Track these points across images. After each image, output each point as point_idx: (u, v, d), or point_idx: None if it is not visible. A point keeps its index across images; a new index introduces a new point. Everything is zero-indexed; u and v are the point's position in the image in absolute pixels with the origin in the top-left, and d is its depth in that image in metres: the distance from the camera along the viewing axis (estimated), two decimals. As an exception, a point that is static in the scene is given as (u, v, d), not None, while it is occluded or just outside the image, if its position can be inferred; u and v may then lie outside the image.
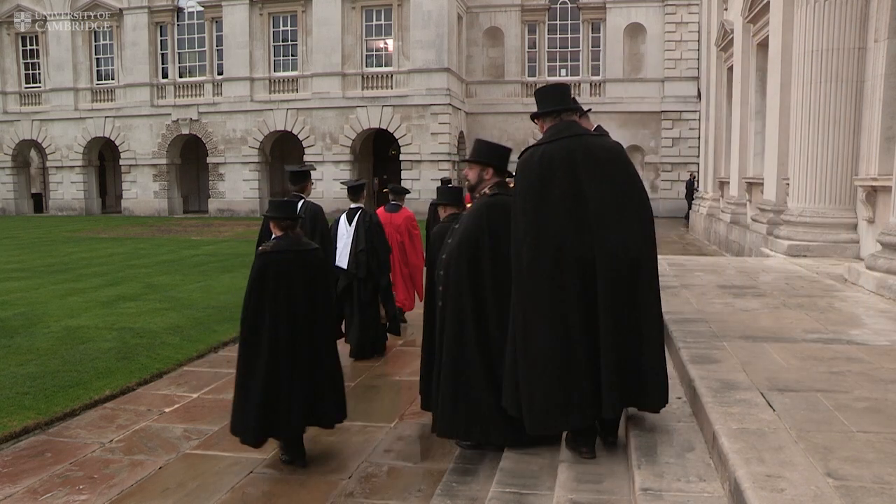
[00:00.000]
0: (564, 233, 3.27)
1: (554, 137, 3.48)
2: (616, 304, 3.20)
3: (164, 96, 30.64)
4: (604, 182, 3.31)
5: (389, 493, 4.04)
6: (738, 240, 13.59)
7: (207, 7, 29.57)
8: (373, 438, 4.86)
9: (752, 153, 13.76)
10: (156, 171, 31.05)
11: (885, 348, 4.34)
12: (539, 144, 3.55)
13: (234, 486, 4.16)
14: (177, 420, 5.32)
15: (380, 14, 27.74)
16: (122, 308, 9.37)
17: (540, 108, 3.72)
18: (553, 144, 3.44)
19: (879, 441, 2.83)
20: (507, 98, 29.99)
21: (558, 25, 29.56)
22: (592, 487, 3.23)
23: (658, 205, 28.65)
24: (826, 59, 8.38)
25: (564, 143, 3.41)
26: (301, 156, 29.01)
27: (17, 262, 14.62)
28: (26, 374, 6.33)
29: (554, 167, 3.36)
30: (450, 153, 27.28)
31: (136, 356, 6.91)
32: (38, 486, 4.18)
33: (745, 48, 14.04)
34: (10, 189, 33.15)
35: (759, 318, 5.26)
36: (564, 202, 3.29)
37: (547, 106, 3.71)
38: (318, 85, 28.12)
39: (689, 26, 28.00)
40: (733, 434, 2.94)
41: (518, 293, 3.39)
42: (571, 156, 3.35)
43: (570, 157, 3.35)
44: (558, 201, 3.30)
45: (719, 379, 3.71)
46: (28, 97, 32.60)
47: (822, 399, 3.36)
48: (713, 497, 2.77)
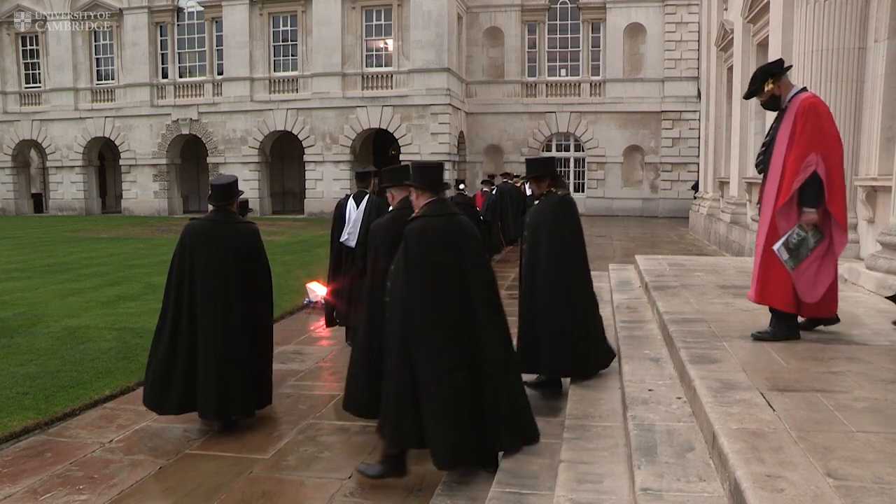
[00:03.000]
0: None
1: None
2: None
3: (164, 96, 30.63)
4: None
5: (389, 493, 4.04)
6: (738, 240, 13.59)
7: (207, 7, 29.56)
8: (373, 438, 4.85)
9: (752, 153, 13.74)
10: (156, 171, 31.04)
11: (885, 348, 4.35)
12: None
13: (234, 486, 4.16)
14: (177, 420, 5.31)
15: (380, 14, 27.73)
16: (122, 308, 9.37)
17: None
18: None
19: (879, 441, 2.84)
20: (507, 98, 29.99)
21: (558, 25, 29.55)
22: (592, 487, 3.23)
23: (658, 205, 28.69)
24: (826, 59, 8.38)
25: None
26: (301, 156, 29.02)
27: (17, 262, 14.61)
28: (26, 374, 6.33)
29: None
30: (450, 153, 27.28)
31: (136, 356, 6.90)
32: (38, 486, 4.18)
33: (745, 48, 14.04)
34: (10, 189, 33.13)
35: (759, 318, 5.26)
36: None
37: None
38: (318, 85, 28.12)
39: (689, 26, 27.99)
40: (733, 434, 2.94)
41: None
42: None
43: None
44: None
45: (719, 379, 3.71)
46: (28, 97, 32.58)
47: (822, 399, 3.36)
48: (713, 497, 2.77)
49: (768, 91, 4.54)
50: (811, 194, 4.31)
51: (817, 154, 4.28)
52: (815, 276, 4.41)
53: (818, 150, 4.28)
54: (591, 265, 5.41)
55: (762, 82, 4.55)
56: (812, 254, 4.38)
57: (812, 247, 4.38)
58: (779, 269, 4.42)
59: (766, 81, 4.53)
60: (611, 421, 4.04)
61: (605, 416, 4.14)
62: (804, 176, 4.29)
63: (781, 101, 4.52)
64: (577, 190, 29.87)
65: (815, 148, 4.28)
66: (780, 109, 4.54)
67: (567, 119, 29.32)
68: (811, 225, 4.34)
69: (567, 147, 30.07)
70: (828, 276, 4.42)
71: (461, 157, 29.49)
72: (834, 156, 4.34)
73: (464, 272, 3.91)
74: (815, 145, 4.28)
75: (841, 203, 4.39)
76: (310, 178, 28.66)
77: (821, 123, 4.33)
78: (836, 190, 4.35)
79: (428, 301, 3.82)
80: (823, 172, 4.28)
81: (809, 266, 4.40)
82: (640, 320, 6.01)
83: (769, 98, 4.57)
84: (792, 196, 4.35)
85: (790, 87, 4.54)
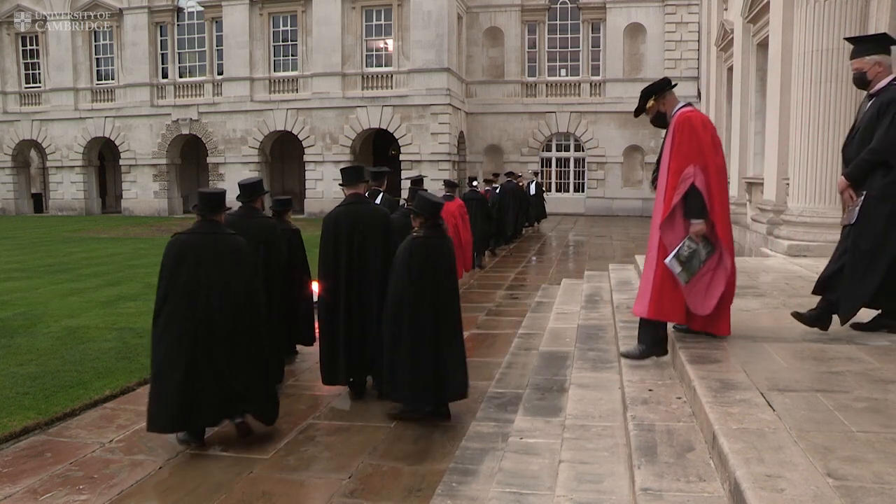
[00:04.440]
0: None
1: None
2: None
3: (164, 96, 30.63)
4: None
5: (389, 493, 4.04)
6: (738, 240, 13.59)
7: (207, 7, 29.56)
8: (373, 438, 4.86)
9: (752, 153, 13.76)
10: (156, 171, 31.04)
11: (885, 348, 4.35)
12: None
13: (234, 486, 4.16)
14: (177, 420, 5.31)
15: (380, 14, 27.73)
16: (122, 308, 9.37)
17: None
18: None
19: (879, 441, 2.84)
20: (507, 98, 29.99)
21: (558, 25, 29.55)
22: (592, 487, 3.23)
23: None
24: (826, 59, 8.38)
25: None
26: (301, 156, 29.02)
27: (17, 262, 14.62)
28: (26, 374, 6.33)
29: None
30: (450, 153, 27.28)
31: (136, 356, 6.90)
32: (38, 486, 4.19)
33: (745, 48, 14.03)
34: (10, 189, 33.12)
35: (759, 318, 5.26)
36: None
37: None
38: (318, 85, 28.12)
39: (689, 26, 28.00)
40: (733, 434, 2.94)
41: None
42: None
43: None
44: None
45: (719, 379, 3.71)
46: (28, 97, 32.58)
47: (822, 399, 3.36)
48: (713, 497, 2.77)
49: (651, 108, 4.58)
50: (695, 206, 4.31)
51: (694, 166, 4.28)
52: (707, 288, 4.40)
53: (695, 162, 4.29)
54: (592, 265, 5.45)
55: (645, 100, 4.60)
56: (704, 265, 4.37)
57: (704, 258, 4.36)
58: (675, 283, 4.41)
59: (648, 99, 4.58)
60: (611, 421, 4.04)
61: (605, 416, 4.14)
62: (683, 188, 4.30)
63: (667, 117, 4.53)
64: (578, 190, 29.89)
65: (691, 160, 4.28)
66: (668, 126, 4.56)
67: (567, 119, 29.32)
68: (700, 236, 4.34)
69: (567, 147, 30.07)
70: (718, 288, 4.39)
71: (461, 157, 29.48)
72: (712, 167, 4.32)
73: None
74: (691, 158, 4.29)
75: (721, 214, 4.36)
76: (310, 178, 28.66)
77: (696, 136, 4.32)
78: (717, 201, 4.34)
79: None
80: (702, 184, 4.28)
81: (701, 278, 4.39)
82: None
83: (656, 115, 4.62)
84: (673, 210, 4.37)
85: (675, 103, 4.54)
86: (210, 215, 4.83)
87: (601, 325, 6.56)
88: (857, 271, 4.41)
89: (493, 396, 5.52)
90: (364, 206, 5.78)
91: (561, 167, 30.23)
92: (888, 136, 4.32)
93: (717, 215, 4.33)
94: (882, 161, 4.36)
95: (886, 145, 4.33)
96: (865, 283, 4.39)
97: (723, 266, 4.40)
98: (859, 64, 4.57)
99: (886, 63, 4.54)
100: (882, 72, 4.51)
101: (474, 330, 8.21)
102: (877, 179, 4.40)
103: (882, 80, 4.49)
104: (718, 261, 4.39)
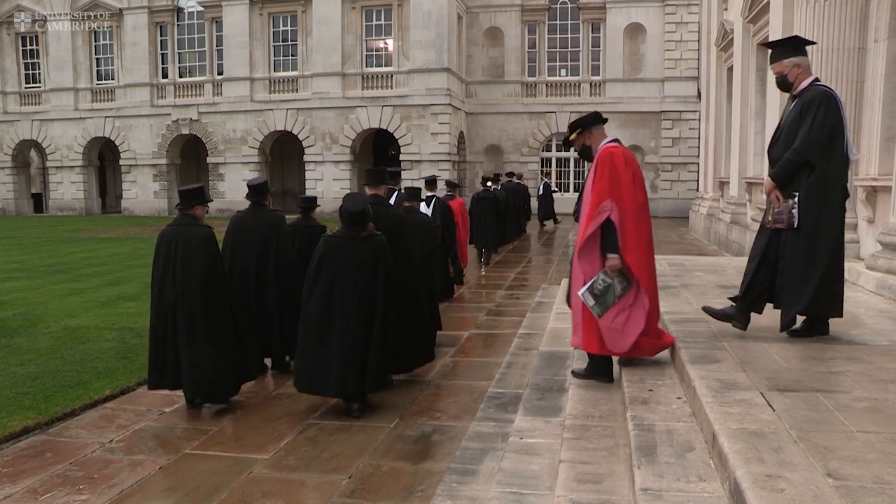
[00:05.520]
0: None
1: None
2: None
3: (164, 96, 30.63)
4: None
5: (389, 493, 4.04)
6: (738, 240, 13.59)
7: (207, 7, 29.56)
8: (373, 438, 4.86)
9: (752, 153, 13.75)
10: (156, 171, 31.04)
11: (885, 348, 4.35)
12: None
13: (234, 486, 4.16)
14: (177, 420, 5.32)
15: (380, 14, 27.73)
16: (122, 308, 9.37)
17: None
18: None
19: (879, 441, 2.84)
20: (507, 98, 29.99)
21: (558, 25, 29.55)
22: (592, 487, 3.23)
23: (658, 205, 28.65)
24: (826, 59, 8.37)
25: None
26: (301, 156, 29.02)
27: (17, 262, 14.62)
28: (26, 374, 6.33)
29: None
30: (450, 153, 27.29)
31: (136, 356, 6.90)
32: (38, 486, 4.18)
33: (745, 48, 14.03)
34: (10, 189, 33.13)
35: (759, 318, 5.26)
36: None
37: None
38: (318, 85, 28.12)
39: (689, 26, 27.99)
40: (733, 434, 2.94)
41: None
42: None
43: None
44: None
45: (719, 379, 3.71)
46: (28, 97, 32.58)
47: (822, 399, 3.36)
48: (713, 497, 2.77)
49: (576, 140, 4.66)
50: (612, 240, 4.35)
51: (612, 200, 4.33)
52: (623, 327, 4.41)
53: (612, 196, 4.33)
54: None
55: (570, 131, 4.70)
56: (620, 301, 4.38)
57: (619, 294, 4.37)
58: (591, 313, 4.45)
59: (573, 132, 4.67)
60: (611, 421, 4.04)
61: (605, 416, 4.13)
62: (597, 222, 4.36)
63: (592, 151, 4.56)
64: (578, 190, 29.88)
65: (609, 195, 4.34)
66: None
67: (567, 119, 29.26)
68: (616, 271, 4.36)
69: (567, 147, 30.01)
70: (637, 327, 4.41)
71: (461, 157, 29.47)
72: (629, 203, 4.35)
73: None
74: (609, 193, 4.34)
75: (637, 251, 4.36)
76: (310, 178, 28.66)
77: (616, 171, 4.37)
78: (632, 238, 4.36)
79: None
80: (617, 218, 4.32)
81: (617, 315, 4.40)
82: (640, 320, 6.00)
83: (581, 148, 4.69)
84: (588, 241, 4.41)
85: (602, 138, 4.58)
86: (185, 209, 5.48)
87: (601, 325, 6.55)
88: (796, 277, 4.41)
89: (493, 396, 5.52)
90: (381, 207, 5.99)
91: (561, 167, 30.24)
92: (810, 136, 4.34)
93: (631, 251, 4.36)
94: (806, 161, 4.37)
95: (808, 146, 4.34)
96: (805, 289, 4.38)
97: (640, 304, 4.41)
98: (779, 68, 4.60)
99: (805, 64, 4.57)
100: (801, 73, 4.53)
101: (474, 330, 8.21)
102: (802, 181, 4.41)
103: (803, 81, 4.52)
104: (635, 298, 4.40)
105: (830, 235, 4.37)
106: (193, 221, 5.44)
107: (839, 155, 4.37)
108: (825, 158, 4.33)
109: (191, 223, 5.42)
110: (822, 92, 4.39)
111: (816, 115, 4.32)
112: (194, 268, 5.28)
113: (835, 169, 4.36)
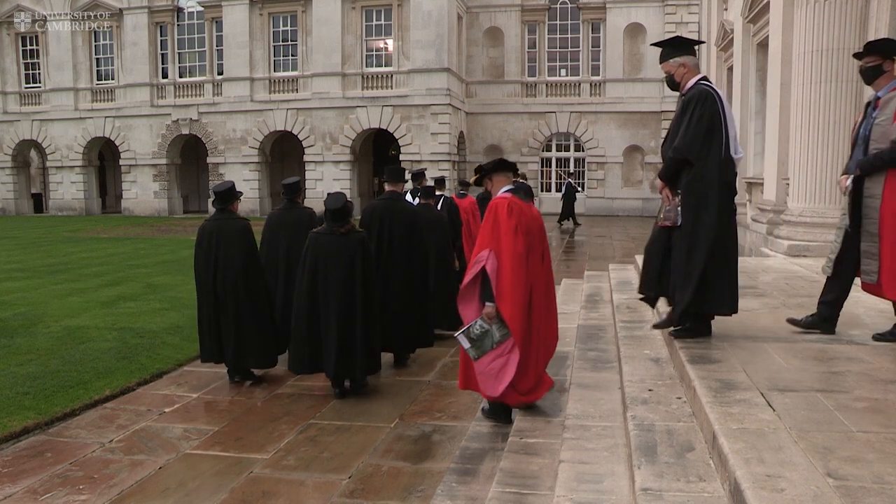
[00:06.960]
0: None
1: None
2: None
3: (164, 96, 30.63)
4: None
5: (389, 493, 4.04)
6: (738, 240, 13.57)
7: (207, 7, 29.56)
8: (373, 438, 4.86)
9: (752, 153, 13.76)
10: (156, 171, 31.04)
11: (885, 348, 4.35)
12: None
13: (234, 486, 4.16)
14: (177, 420, 5.32)
15: (380, 14, 27.74)
16: (122, 308, 9.37)
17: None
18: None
19: (879, 441, 2.84)
20: (507, 98, 30.00)
21: (558, 25, 29.56)
22: (592, 487, 3.23)
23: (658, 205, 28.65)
24: (826, 59, 8.38)
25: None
26: (301, 156, 29.02)
27: (17, 262, 14.62)
28: (26, 374, 6.33)
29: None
30: (450, 153, 27.29)
31: (136, 356, 6.91)
32: (38, 486, 4.19)
33: (745, 48, 14.03)
34: (10, 189, 33.12)
35: (759, 318, 5.27)
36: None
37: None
38: (318, 85, 28.12)
39: (689, 26, 27.97)
40: (733, 434, 2.94)
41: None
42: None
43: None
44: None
45: (719, 379, 3.71)
46: (28, 97, 32.58)
47: (822, 399, 3.36)
48: (713, 497, 2.77)
49: (475, 181, 4.88)
50: (486, 289, 4.44)
51: (490, 251, 4.41)
52: (498, 373, 4.47)
53: (491, 246, 4.41)
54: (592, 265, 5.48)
55: (476, 174, 4.86)
56: (498, 348, 4.44)
57: (498, 340, 4.44)
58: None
59: (477, 174, 4.83)
60: (611, 421, 4.04)
61: (605, 416, 4.13)
62: (474, 270, 4.45)
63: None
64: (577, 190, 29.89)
65: (489, 245, 4.43)
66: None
67: (567, 119, 29.32)
68: (493, 318, 4.43)
69: (567, 147, 30.08)
70: (509, 374, 4.45)
71: (461, 157, 29.47)
72: (507, 254, 4.38)
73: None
74: (489, 242, 4.43)
75: (513, 301, 4.37)
76: (310, 177, 28.65)
77: (497, 223, 4.44)
78: (508, 288, 4.38)
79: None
80: (491, 268, 4.38)
81: (494, 361, 4.46)
82: (640, 320, 6.01)
83: (485, 191, 4.94)
84: (468, 287, 4.52)
85: (501, 185, 4.68)
86: (221, 205, 6.21)
87: (601, 325, 6.56)
88: (681, 273, 4.43)
89: (493, 396, 5.51)
90: (398, 203, 6.81)
91: (561, 167, 30.23)
92: (686, 135, 4.34)
93: (507, 301, 4.39)
94: (685, 160, 4.38)
95: (684, 144, 4.35)
96: (687, 286, 4.39)
97: (515, 353, 4.45)
98: (666, 67, 4.60)
99: (691, 63, 4.55)
100: (687, 73, 4.53)
101: (474, 330, 8.21)
102: (682, 178, 4.43)
103: (689, 80, 4.51)
104: (512, 347, 4.45)
105: (706, 234, 4.34)
106: (230, 215, 6.18)
107: (717, 153, 4.33)
108: (701, 157, 4.31)
109: (228, 217, 6.16)
110: (701, 90, 4.36)
111: (693, 115, 4.32)
112: (234, 255, 5.97)
113: (712, 167, 4.32)
